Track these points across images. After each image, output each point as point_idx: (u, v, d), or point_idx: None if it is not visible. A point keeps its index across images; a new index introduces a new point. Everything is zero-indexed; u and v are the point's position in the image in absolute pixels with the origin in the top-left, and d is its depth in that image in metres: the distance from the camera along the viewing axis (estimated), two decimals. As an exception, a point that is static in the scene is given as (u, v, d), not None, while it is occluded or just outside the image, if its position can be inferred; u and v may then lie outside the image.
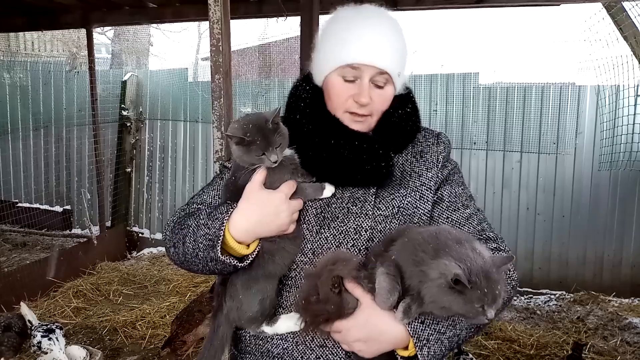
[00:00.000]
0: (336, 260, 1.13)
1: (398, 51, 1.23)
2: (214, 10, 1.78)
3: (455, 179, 1.34)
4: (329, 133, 1.23)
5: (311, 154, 1.22)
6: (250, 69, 10.23)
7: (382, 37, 1.21)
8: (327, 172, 1.22)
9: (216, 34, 1.80)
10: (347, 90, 1.22)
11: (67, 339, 3.89)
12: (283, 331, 1.21)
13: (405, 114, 1.30)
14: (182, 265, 1.24)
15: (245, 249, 1.15)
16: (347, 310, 1.12)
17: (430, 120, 5.43)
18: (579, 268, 5.18)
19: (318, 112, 1.26)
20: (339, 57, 1.21)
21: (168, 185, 6.50)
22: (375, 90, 1.22)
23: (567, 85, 5.29)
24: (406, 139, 1.32)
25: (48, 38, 10.87)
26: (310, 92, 1.29)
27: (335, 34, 1.25)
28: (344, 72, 1.22)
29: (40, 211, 6.46)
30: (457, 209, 1.28)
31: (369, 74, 1.20)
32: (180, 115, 6.38)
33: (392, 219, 1.23)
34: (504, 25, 19.53)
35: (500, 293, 0.99)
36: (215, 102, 1.84)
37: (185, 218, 1.23)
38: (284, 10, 4.40)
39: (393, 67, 1.22)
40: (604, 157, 4.42)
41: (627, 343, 4.03)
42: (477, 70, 5.41)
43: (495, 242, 1.26)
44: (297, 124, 1.26)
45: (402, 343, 1.11)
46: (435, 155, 1.33)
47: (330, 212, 1.23)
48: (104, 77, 6.61)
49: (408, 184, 1.28)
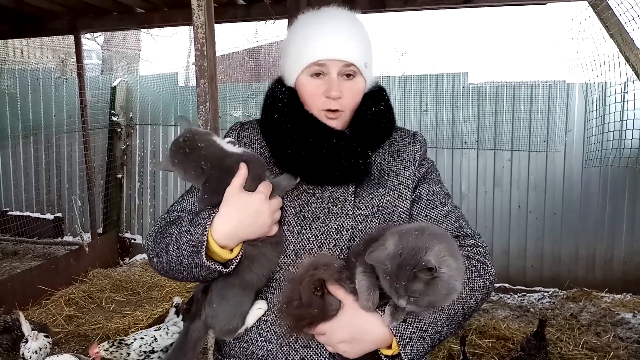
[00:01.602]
0: (317, 265, 1.13)
1: (361, 43, 1.27)
2: (197, 15, 1.78)
3: (433, 177, 1.36)
4: (307, 131, 1.24)
5: (290, 152, 1.23)
6: (240, 73, 10.22)
7: (344, 32, 1.25)
8: (305, 170, 1.23)
9: (200, 38, 1.79)
10: (318, 88, 1.25)
11: (59, 347, 3.87)
12: (252, 322, 1.21)
13: (379, 111, 1.32)
14: (167, 274, 1.24)
15: (228, 254, 1.15)
16: (330, 312, 1.12)
17: (420, 121, 5.45)
18: (572, 265, 5.20)
19: (295, 111, 1.28)
20: (305, 57, 1.25)
21: (160, 190, 6.47)
22: (344, 83, 1.26)
23: (556, 83, 5.32)
24: (382, 136, 1.34)
25: (37, 45, 10.83)
26: (286, 93, 1.31)
27: (298, 35, 1.29)
28: (311, 71, 1.25)
29: (31, 219, 6.41)
30: (435, 207, 1.30)
31: (336, 68, 1.24)
32: (171, 120, 6.36)
33: (372, 218, 1.24)
34: (493, 25, 19.66)
35: (405, 291, 0.99)
36: (201, 107, 1.84)
37: (167, 227, 1.23)
38: (272, 13, 4.40)
39: (358, 59, 1.25)
40: (592, 154, 4.45)
41: (620, 338, 4.05)
42: (467, 70, 5.44)
43: (472, 239, 1.28)
44: (275, 124, 1.28)
45: (386, 342, 1.13)
46: (412, 154, 1.36)
47: (311, 212, 1.24)
48: (94, 83, 6.57)
49: (386, 184, 1.30)
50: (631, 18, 3.42)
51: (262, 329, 1.22)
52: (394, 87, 5.48)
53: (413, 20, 20.27)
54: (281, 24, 4.57)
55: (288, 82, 1.33)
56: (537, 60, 12.67)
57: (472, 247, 1.25)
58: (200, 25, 1.76)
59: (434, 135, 5.39)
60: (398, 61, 14.14)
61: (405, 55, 14.50)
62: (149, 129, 6.49)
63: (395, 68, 13.12)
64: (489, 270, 1.24)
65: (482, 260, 1.24)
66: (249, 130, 1.39)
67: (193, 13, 1.77)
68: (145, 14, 4.92)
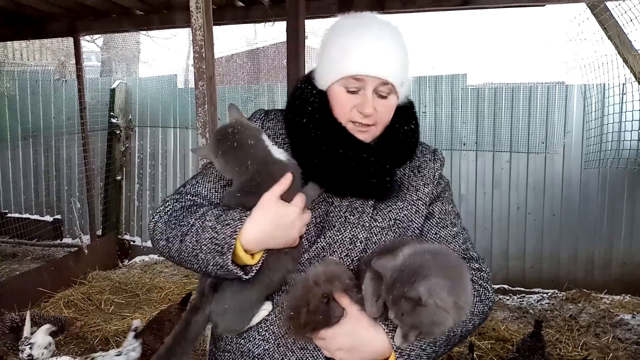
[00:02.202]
0: (331, 277, 1.12)
1: (400, 60, 1.22)
2: (195, 17, 1.78)
3: (447, 196, 1.36)
4: (337, 142, 1.21)
5: (317, 161, 1.21)
6: (239, 75, 10.23)
7: (385, 47, 1.19)
8: (331, 182, 1.21)
9: (199, 40, 1.79)
10: (351, 100, 1.21)
11: (58, 349, 3.86)
12: (256, 322, 1.21)
13: (410, 130, 1.31)
14: (172, 259, 1.20)
15: (250, 259, 1.12)
16: (333, 319, 1.12)
17: (420, 122, 5.44)
18: (571, 266, 5.20)
19: (326, 119, 1.24)
20: (342, 68, 1.19)
21: (159, 192, 6.47)
22: (378, 101, 1.21)
23: (555, 85, 5.33)
24: (408, 155, 1.33)
25: (37, 47, 10.83)
26: (317, 97, 1.26)
27: (336, 43, 1.22)
28: (347, 83, 1.20)
29: (30, 221, 6.40)
30: (446, 226, 1.31)
31: (373, 84, 1.19)
32: (170, 121, 6.37)
33: (387, 231, 1.24)
34: (491, 27, 19.69)
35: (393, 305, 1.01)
36: (200, 109, 1.84)
37: (183, 212, 1.19)
38: (271, 15, 4.40)
39: (396, 77, 1.20)
40: (590, 156, 4.46)
41: (619, 340, 4.05)
42: (465, 72, 5.44)
43: (477, 262, 1.29)
44: (302, 128, 1.24)
45: (383, 355, 1.13)
46: (432, 172, 1.35)
47: (328, 221, 1.23)
48: (93, 85, 6.58)
49: (405, 197, 1.29)
50: (629, 20, 3.44)
51: (261, 327, 1.21)
52: (392, 88, 5.47)
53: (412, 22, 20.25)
54: (280, 25, 4.57)
55: (319, 84, 1.27)
56: (535, 62, 12.70)
57: (477, 271, 1.27)
58: (199, 27, 1.76)
59: (433, 136, 5.40)
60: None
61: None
62: (148, 131, 6.49)
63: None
64: (490, 296, 1.26)
65: (485, 285, 1.26)
66: (274, 122, 1.33)
67: (191, 15, 1.78)
68: (144, 16, 4.92)
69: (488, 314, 1.26)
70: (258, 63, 10.55)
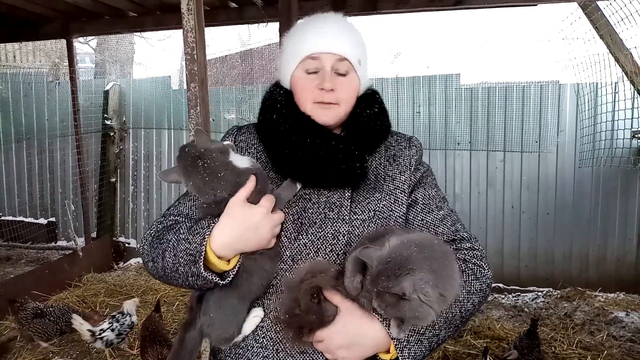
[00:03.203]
0: (314, 272, 1.13)
1: (354, 41, 1.30)
2: (187, 19, 1.78)
3: (428, 181, 1.37)
4: (304, 132, 1.25)
5: (286, 152, 1.24)
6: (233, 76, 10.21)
7: (338, 28, 1.29)
8: (302, 172, 1.23)
9: (190, 42, 1.79)
10: (312, 81, 1.27)
11: (52, 353, 3.85)
12: (249, 330, 1.20)
13: (373, 113, 1.33)
14: (162, 279, 1.23)
15: (225, 265, 1.14)
16: (327, 318, 1.12)
17: (413, 122, 5.47)
18: (565, 264, 5.23)
19: (292, 112, 1.28)
20: (299, 51, 1.28)
21: (154, 194, 6.45)
22: (338, 78, 1.27)
23: (548, 84, 5.35)
24: (377, 139, 1.34)
25: (30, 49, 10.78)
26: (284, 95, 1.32)
27: (294, 36, 1.32)
28: (305, 66, 1.27)
29: (24, 224, 6.38)
30: (432, 211, 1.31)
31: (329, 62, 1.26)
32: (164, 123, 6.35)
33: (368, 223, 1.25)
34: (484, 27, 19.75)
35: (377, 296, 1.02)
36: (192, 111, 1.84)
37: (164, 232, 1.22)
38: (264, 15, 4.40)
39: (351, 54, 1.27)
40: (584, 154, 4.48)
41: (613, 337, 4.07)
42: (459, 72, 5.46)
43: (469, 242, 1.29)
44: (272, 125, 1.28)
45: (384, 346, 1.13)
46: (407, 159, 1.36)
47: (308, 218, 1.24)
48: (87, 87, 6.55)
49: (382, 188, 1.30)
50: (620, 19, 3.45)
51: (258, 334, 1.21)
52: (387, 88, 5.49)
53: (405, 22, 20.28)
54: (273, 26, 4.57)
55: (284, 83, 1.34)
56: (528, 62, 12.75)
57: (469, 250, 1.26)
58: (190, 29, 1.76)
59: (427, 136, 5.41)
60: (391, 63, 14.17)
61: (398, 57, 14.53)
62: (143, 133, 6.47)
63: (389, 70, 13.16)
64: (486, 273, 1.25)
65: (479, 263, 1.25)
66: (246, 135, 1.38)
67: (183, 17, 1.77)
68: (138, 18, 4.91)
69: (487, 291, 1.26)
70: (252, 64, 10.54)
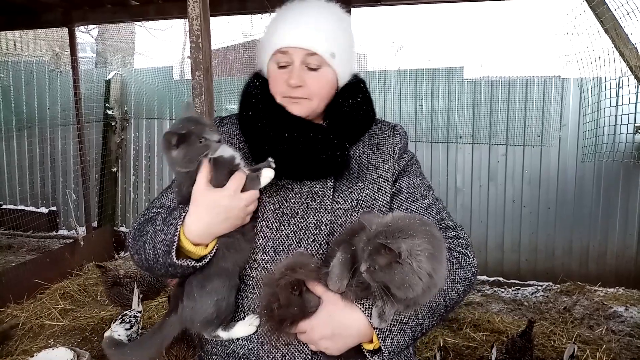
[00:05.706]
0: (294, 266, 1.12)
1: (329, 33, 1.23)
2: (192, 7, 1.77)
3: (413, 170, 1.35)
4: (282, 126, 1.23)
5: (266, 148, 1.22)
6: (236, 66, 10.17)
7: (310, 21, 1.22)
8: (283, 166, 1.21)
9: (195, 30, 1.78)
10: (281, 75, 1.24)
11: (54, 340, 3.87)
12: (239, 336, 1.21)
13: (356, 103, 1.30)
14: (148, 271, 1.24)
15: (203, 250, 1.14)
16: (310, 309, 1.11)
17: (416, 115, 5.46)
18: (565, 259, 5.24)
19: (269, 106, 1.26)
20: (271, 44, 1.25)
21: (155, 184, 6.45)
22: (308, 73, 1.23)
23: (551, 78, 5.33)
24: (361, 129, 1.32)
25: (31, 38, 10.73)
26: (259, 88, 1.30)
27: (270, 26, 1.29)
28: (277, 59, 1.24)
29: (25, 213, 6.38)
30: (416, 200, 1.29)
31: (299, 56, 1.22)
32: (166, 113, 6.34)
33: (351, 212, 1.24)
34: (488, 20, 19.67)
35: (368, 256, 1.00)
36: (196, 99, 1.83)
37: (145, 224, 1.22)
38: (267, 5, 4.38)
39: (323, 48, 1.22)
40: (587, 149, 4.47)
41: (612, 332, 4.08)
42: (462, 65, 5.45)
43: (454, 231, 1.27)
44: (250, 120, 1.27)
45: (367, 336, 1.12)
46: (391, 147, 1.34)
47: (290, 208, 1.23)
48: (88, 76, 6.53)
49: (365, 177, 1.29)
50: (625, 13, 3.43)
51: None
52: (389, 81, 5.48)
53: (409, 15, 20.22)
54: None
55: (263, 73, 1.33)
56: (532, 55, 12.70)
57: (454, 238, 1.24)
58: (196, 17, 1.75)
59: (429, 129, 5.40)
60: (394, 56, 14.13)
61: (401, 49, 14.49)
62: (144, 123, 6.46)
63: (391, 62, 13.12)
64: (471, 262, 1.23)
65: (464, 252, 1.23)
66: (228, 126, 1.37)
67: (188, 5, 1.76)
68: (140, 7, 4.88)
69: (472, 280, 1.23)
70: (254, 54, 10.49)
